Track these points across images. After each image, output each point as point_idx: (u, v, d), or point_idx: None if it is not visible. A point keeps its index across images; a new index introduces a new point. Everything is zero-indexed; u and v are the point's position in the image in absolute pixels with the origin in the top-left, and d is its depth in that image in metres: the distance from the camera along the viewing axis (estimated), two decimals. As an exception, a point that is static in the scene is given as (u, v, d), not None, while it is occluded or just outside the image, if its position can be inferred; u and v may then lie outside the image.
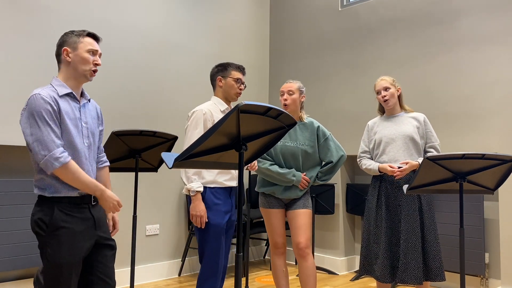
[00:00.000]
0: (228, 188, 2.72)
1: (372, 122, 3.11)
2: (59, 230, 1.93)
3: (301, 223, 2.93)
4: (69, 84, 2.03)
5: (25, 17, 3.55)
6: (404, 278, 2.75)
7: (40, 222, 1.94)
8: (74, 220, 1.97)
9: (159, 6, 4.41)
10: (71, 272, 1.94)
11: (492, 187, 2.40)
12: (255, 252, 5.24)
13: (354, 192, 4.60)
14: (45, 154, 1.87)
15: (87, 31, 2.06)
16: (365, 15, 4.61)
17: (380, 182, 2.95)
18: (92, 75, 2.05)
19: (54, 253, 1.92)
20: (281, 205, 3.01)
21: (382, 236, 2.86)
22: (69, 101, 2.00)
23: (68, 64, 2.02)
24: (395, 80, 3.02)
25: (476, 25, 3.85)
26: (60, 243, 1.92)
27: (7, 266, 3.33)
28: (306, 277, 2.91)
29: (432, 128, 3.00)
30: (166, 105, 4.41)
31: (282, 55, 5.35)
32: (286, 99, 2.95)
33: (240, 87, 2.75)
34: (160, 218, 4.33)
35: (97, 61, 2.05)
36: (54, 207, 1.94)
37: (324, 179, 3.03)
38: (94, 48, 2.04)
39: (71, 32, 2.04)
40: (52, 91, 1.96)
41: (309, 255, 2.91)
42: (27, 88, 3.54)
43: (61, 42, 2.04)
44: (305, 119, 3.03)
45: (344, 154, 3.03)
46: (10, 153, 3.57)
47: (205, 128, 2.62)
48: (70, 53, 2.01)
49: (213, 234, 2.59)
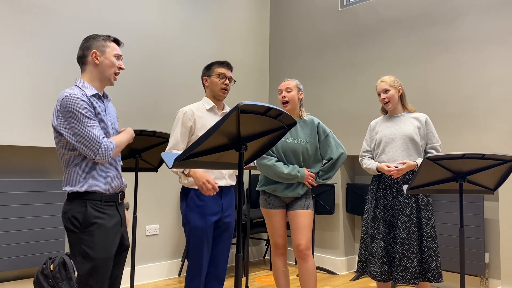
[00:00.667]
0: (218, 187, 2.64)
1: (375, 122, 3.12)
2: (92, 226, 1.98)
3: (302, 224, 2.92)
4: (94, 86, 2.10)
5: (25, 17, 3.55)
6: (400, 278, 2.78)
7: (73, 220, 1.98)
8: (105, 216, 2.03)
9: (158, 6, 4.41)
10: (106, 267, 1.99)
11: (492, 187, 2.41)
12: (255, 252, 5.24)
13: (354, 192, 4.60)
14: (98, 149, 1.96)
15: (112, 37, 2.15)
16: (365, 15, 4.61)
17: (379, 181, 2.96)
18: (115, 79, 2.15)
19: (90, 250, 1.96)
20: (282, 205, 3.00)
21: (379, 235, 2.87)
22: (97, 102, 2.08)
23: (95, 66, 2.09)
24: (396, 80, 3.00)
25: (476, 25, 3.85)
26: (95, 239, 1.97)
27: (7, 266, 3.33)
28: (306, 279, 2.90)
29: (434, 129, 2.99)
30: (165, 105, 4.41)
31: (282, 55, 5.35)
32: (285, 96, 2.96)
33: (224, 82, 2.68)
34: (160, 218, 4.33)
35: (121, 65, 2.14)
36: (86, 204, 1.99)
37: (326, 178, 3.00)
38: (119, 53, 2.14)
39: (97, 35, 2.12)
40: (81, 92, 2.02)
41: (309, 256, 2.90)
42: (27, 88, 3.54)
43: (88, 45, 2.10)
44: (305, 117, 3.03)
45: (345, 152, 3.01)
46: (10, 153, 3.57)
47: (185, 127, 2.60)
48: (98, 56, 2.08)
49: (194, 237, 2.55)
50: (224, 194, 2.67)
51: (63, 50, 3.75)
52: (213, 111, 2.72)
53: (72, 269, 3.08)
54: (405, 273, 2.76)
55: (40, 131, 3.59)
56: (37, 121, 3.58)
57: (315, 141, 3.01)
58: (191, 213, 2.56)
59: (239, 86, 5.13)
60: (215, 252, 2.68)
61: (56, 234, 3.58)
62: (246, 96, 5.17)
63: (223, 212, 2.65)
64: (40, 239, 3.50)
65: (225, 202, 2.66)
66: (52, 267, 3.07)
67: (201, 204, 2.57)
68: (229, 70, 2.72)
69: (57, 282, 3.06)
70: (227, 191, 2.70)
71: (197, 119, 2.62)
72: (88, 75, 2.10)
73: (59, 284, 3.05)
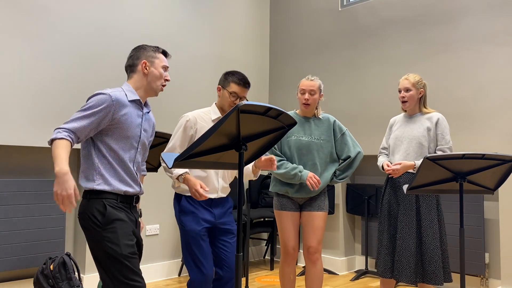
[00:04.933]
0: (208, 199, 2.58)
1: (393, 120, 3.09)
2: (114, 223, 1.98)
3: (315, 226, 2.85)
4: (139, 93, 2.14)
5: (25, 18, 3.55)
6: (397, 276, 2.81)
7: (93, 218, 1.98)
8: (123, 214, 2.04)
9: (158, 7, 4.41)
10: (131, 261, 1.99)
11: (492, 187, 2.41)
12: (255, 252, 5.24)
13: (354, 192, 4.60)
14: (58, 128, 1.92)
15: (161, 48, 2.19)
16: (365, 15, 4.61)
17: (387, 181, 2.98)
18: (162, 90, 2.18)
19: (113, 246, 1.96)
20: (296, 207, 2.91)
21: (384, 233, 2.90)
22: (135, 107, 2.10)
23: (144, 76, 2.13)
24: (421, 81, 2.90)
25: (476, 25, 3.85)
26: (117, 235, 1.97)
27: (7, 266, 3.33)
28: (312, 281, 2.88)
29: (446, 129, 2.88)
30: (165, 105, 4.41)
31: (282, 55, 5.35)
32: (308, 99, 2.86)
33: (234, 102, 2.62)
34: (160, 218, 4.33)
35: (167, 76, 2.18)
36: (103, 202, 2.00)
37: (342, 177, 2.91)
38: (167, 64, 2.18)
39: (146, 46, 2.16)
40: (122, 94, 2.05)
41: (319, 260, 2.86)
42: (27, 88, 3.54)
43: (138, 55, 2.14)
44: (320, 115, 2.96)
45: (361, 151, 2.93)
46: (10, 153, 3.58)
47: (186, 135, 2.56)
48: (148, 67, 2.12)
49: (192, 240, 2.52)
50: (214, 205, 2.60)
51: (63, 50, 3.74)
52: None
53: (72, 269, 3.08)
54: (402, 273, 2.78)
55: (40, 131, 3.59)
56: (37, 121, 3.58)
57: (330, 139, 2.92)
58: (184, 218, 2.54)
59: (239, 86, 5.12)
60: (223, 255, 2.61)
61: (56, 234, 3.58)
62: (246, 96, 5.16)
63: (216, 219, 2.59)
64: (40, 239, 3.50)
65: (217, 211, 2.61)
66: (52, 267, 3.07)
67: (194, 209, 2.54)
68: (245, 89, 2.63)
69: (57, 282, 3.05)
70: (218, 202, 2.63)
71: (199, 128, 2.57)
72: (135, 82, 2.13)
73: (59, 284, 3.05)
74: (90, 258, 3.79)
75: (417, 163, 2.80)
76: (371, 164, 4.69)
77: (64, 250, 3.64)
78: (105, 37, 4.01)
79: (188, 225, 2.53)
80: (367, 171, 4.72)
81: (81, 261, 3.83)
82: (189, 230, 2.53)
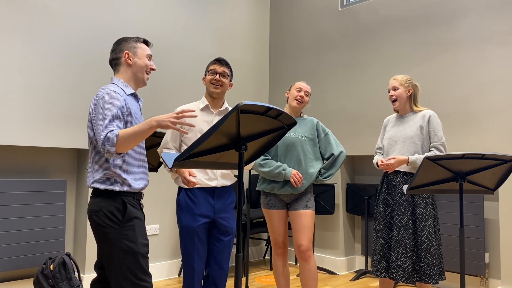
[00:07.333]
0: (209, 188, 2.58)
1: (387, 120, 3.12)
2: (133, 221, 2.01)
3: (303, 224, 2.91)
4: (130, 86, 2.15)
5: (25, 17, 3.55)
6: (393, 275, 2.81)
7: (111, 215, 1.98)
8: (140, 212, 2.07)
9: (158, 6, 4.41)
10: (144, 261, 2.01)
11: (492, 187, 2.41)
12: (255, 252, 5.24)
13: (354, 192, 4.60)
14: (101, 140, 1.89)
15: (142, 38, 2.20)
16: (365, 15, 4.61)
17: (383, 180, 2.99)
18: (147, 79, 2.19)
19: (131, 243, 1.97)
20: (283, 205, 3.00)
21: (379, 233, 2.91)
22: (133, 101, 2.12)
23: (129, 67, 2.13)
24: (409, 80, 2.96)
25: (476, 25, 3.85)
26: (136, 232, 1.99)
27: (7, 266, 3.33)
28: (307, 279, 2.90)
29: (438, 126, 2.89)
30: (165, 105, 4.41)
31: (282, 55, 5.35)
32: (303, 97, 3.02)
33: (214, 78, 2.61)
34: (160, 218, 4.33)
35: (152, 65, 2.19)
36: (122, 200, 2.01)
37: (327, 176, 2.98)
38: (150, 53, 2.18)
39: (127, 38, 2.17)
40: (120, 90, 2.05)
41: (311, 257, 2.90)
42: (27, 88, 3.54)
43: (120, 47, 2.14)
44: (304, 116, 3.12)
45: (344, 151, 3.03)
46: (10, 153, 3.58)
47: None
48: (131, 57, 2.13)
49: (186, 236, 2.54)
50: (216, 195, 2.60)
51: (64, 50, 3.74)
52: (207, 110, 2.67)
53: (72, 269, 3.08)
54: (398, 271, 2.79)
55: (40, 131, 3.59)
56: (37, 121, 3.58)
57: (314, 137, 3.03)
58: (181, 213, 2.57)
59: (239, 86, 5.13)
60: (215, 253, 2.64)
61: (56, 234, 3.58)
62: (246, 96, 5.16)
63: (216, 213, 2.58)
64: (40, 239, 3.50)
65: (218, 204, 2.59)
66: (52, 267, 3.07)
67: (191, 204, 2.55)
68: (221, 65, 2.64)
69: (57, 282, 3.05)
70: (221, 192, 2.62)
71: (187, 120, 2.59)
72: (124, 75, 2.14)
73: (59, 284, 3.05)
74: (90, 258, 3.79)
75: (411, 158, 2.80)
76: (371, 164, 4.70)
77: (64, 250, 3.64)
78: (105, 37, 4.01)
79: (183, 221, 2.56)
80: (367, 171, 4.72)
81: (81, 261, 3.83)
82: (184, 225, 2.56)
